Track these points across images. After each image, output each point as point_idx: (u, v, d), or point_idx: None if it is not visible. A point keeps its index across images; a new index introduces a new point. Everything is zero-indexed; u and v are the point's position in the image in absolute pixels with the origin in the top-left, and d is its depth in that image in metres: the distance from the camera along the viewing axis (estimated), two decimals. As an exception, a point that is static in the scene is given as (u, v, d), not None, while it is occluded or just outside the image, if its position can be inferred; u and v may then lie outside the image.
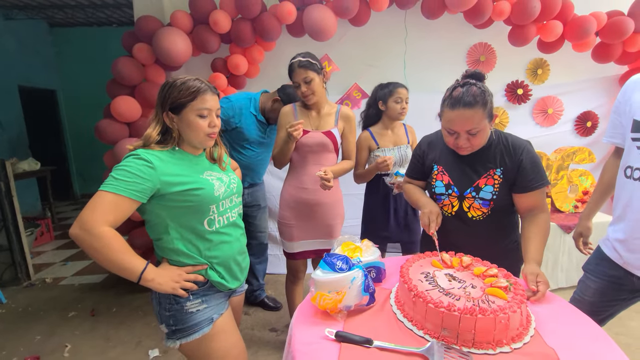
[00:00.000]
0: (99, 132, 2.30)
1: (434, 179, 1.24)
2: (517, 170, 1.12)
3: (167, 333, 1.04)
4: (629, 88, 1.11)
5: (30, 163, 4.03)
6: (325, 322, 0.87)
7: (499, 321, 0.75)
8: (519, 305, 0.79)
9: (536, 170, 1.11)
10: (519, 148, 1.13)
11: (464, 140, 1.08)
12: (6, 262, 2.74)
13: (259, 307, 2.33)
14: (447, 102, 1.08)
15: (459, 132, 1.07)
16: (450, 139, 1.12)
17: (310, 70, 1.52)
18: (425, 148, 1.31)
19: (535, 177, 1.11)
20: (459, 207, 1.19)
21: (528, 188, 1.12)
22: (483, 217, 1.17)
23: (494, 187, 1.14)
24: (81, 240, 0.88)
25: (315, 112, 1.64)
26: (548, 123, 2.82)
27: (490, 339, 0.76)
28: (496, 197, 1.14)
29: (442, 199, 1.22)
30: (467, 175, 1.17)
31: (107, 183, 0.91)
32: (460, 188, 1.18)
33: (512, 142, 1.15)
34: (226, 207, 1.09)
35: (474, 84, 1.05)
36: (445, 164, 1.23)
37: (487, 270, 0.95)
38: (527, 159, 1.12)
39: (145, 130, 1.02)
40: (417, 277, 0.93)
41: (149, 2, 2.46)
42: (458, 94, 1.05)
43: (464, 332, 0.76)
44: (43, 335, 2.13)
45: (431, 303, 0.80)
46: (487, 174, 1.15)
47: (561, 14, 2.39)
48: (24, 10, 4.46)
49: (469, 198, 1.17)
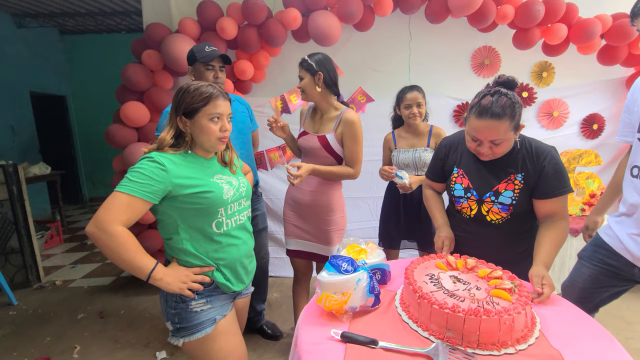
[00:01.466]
0: (109, 136, 2.35)
1: (453, 182, 1.24)
2: (538, 176, 1.10)
3: (172, 330, 1.08)
4: (637, 88, 1.14)
5: (41, 167, 4.11)
6: (331, 323, 0.89)
7: (503, 322, 0.76)
8: (524, 307, 0.80)
9: (559, 177, 1.09)
10: (542, 154, 1.11)
11: (487, 148, 1.07)
12: (17, 265, 2.79)
13: (258, 334, 2.11)
14: (474, 110, 1.05)
15: (482, 140, 1.07)
16: (473, 144, 1.11)
17: (304, 69, 1.56)
18: (446, 150, 1.29)
19: (558, 184, 1.09)
20: (477, 211, 1.19)
21: (549, 194, 1.10)
22: (502, 220, 1.16)
23: (514, 192, 1.12)
24: (96, 238, 0.92)
25: (319, 115, 1.66)
26: (554, 126, 2.80)
27: (495, 340, 0.77)
28: (516, 202, 1.12)
29: (460, 201, 1.22)
30: (486, 179, 1.16)
31: (122, 184, 0.95)
32: (479, 192, 1.17)
33: (535, 147, 1.13)
34: (234, 210, 1.11)
35: (504, 93, 1.02)
36: (465, 167, 1.22)
37: (492, 272, 0.96)
38: (550, 165, 1.09)
39: (153, 135, 1.06)
40: (422, 279, 0.94)
41: (157, 10, 2.52)
42: (487, 102, 1.02)
43: (468, 333, 0.77)
44: (53, 336, 2.17)
45: (436, 304, 0.81)
46: (507, 179, 1.13)
47: (566, 17, 2.39)
48: (35, 18, 4.59)
49: (487, 202, 1.16)
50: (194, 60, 1.62)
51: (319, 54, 1.58)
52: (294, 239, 1.73)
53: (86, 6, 4.32)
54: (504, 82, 1.08)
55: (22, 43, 4.63)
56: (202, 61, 1.59)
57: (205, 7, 2.33)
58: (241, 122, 1.79)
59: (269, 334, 2.08)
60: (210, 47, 1.63)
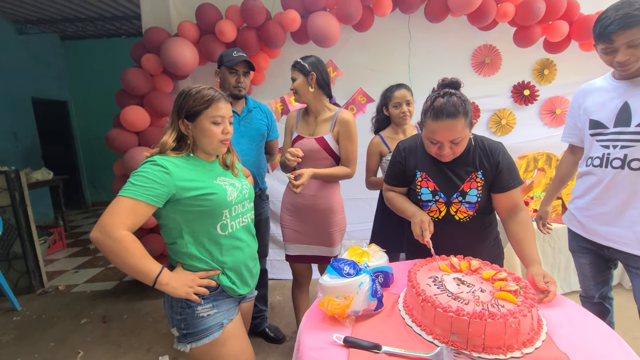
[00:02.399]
0: (109, 141, 2.35)
1: (418, 186, 1.23)
2: (495, 171, 1.16)
3: (178, 336, 1.06)
4: (579, 96, 1.37)
5: (43, 173, 4.12)
6: (333, 327, 0.88)
7: (509, 325, 0.74)
8: (530, 309, 0.79)
9: (512, 170, 1.16)
10: (496, 150, 1.17)
11: (447, 149, 1.10)
12: (21, 270, 2.80)
13: (261, 337, 2.09)
14: (429, 113, 1.08)
15: (442, 142, 1.09)
16: (433, 148, 1.13)
17: (297, 70, 1.58)
18: (405, 154, 1.28)
19: (513, 177, 1.16)
20: (446, 212, 1.20)
21: (507, 188, 1.16)
22: (469, 218, 1.20)
23: (477, 189, 1.17)
24: (101, 243, 0.91)
25: (313, 118, 1.65)
26: (556, 123, 2.78)
27: (500, 343, 0.75)
28: (480, 199, 1.17)
29: (429, 205, 1.22)
30: (451, 181, 1.19)
31: (125, 188, 0.94)
32: (446, 194, 1.19)
33: (488, 144, 1.19)
34: (238, 212, 1.11)
35: (454, 93, 1.07)
36: (427, 170, 1.22)
37: (497, 273, 0.95)
38: (504, 160, 1.16)
39: (154, 139, 1.05)
40: (425, 282, 0.93)
41: (156, 14, 2.52)
42: (440, 104, 1.05)
43: (473, 336, 0.75)
44: (56, 342, 2.17)
45: (440, 307, 0.79)
46: (470, 178, 1.17)
47: (567, 14, 2.37)
48: (36, 24, 4.62)
49: (455, 203, 1.18)
50: (222, 63, 1.68)
51: (312, 57, 1.61)
52: (294, 244, 1.71)
53: (86, 11, 4.34)
54: (449, 83, 1.12)
55: (23, 49, 4.66)
56: (227, 65, 1.65)
57: (204, 10, 2.33)
58: (255, 129, 1.80)
59: (272, 337, 2.07)
60: (238, 53, 1.68)
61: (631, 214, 1.20)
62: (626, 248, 1.23)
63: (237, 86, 1.68)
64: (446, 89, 1.10)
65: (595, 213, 1.30)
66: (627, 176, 1.20)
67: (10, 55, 4.43)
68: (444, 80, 1.14)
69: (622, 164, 1.20)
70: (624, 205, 1.22)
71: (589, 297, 1.48)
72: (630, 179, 1.19)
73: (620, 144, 1.21)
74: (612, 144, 1.23)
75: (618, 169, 1.21)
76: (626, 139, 1.19)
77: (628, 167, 1.19)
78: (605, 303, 1.47)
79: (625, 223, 1.22)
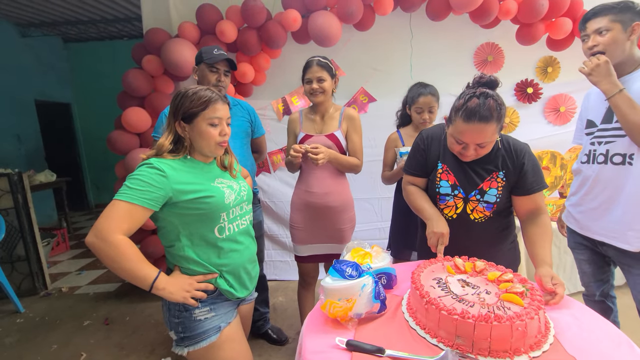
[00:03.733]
0: (111, 143, 2.35)
1: (438, 178, 1.19)
2: (519, 173, 1.11)
3: (176, 340, 1.06)
4: (585, 99, 1.40)
5: (46, 175, 4.14)
6: (335, 330, 0.86)
7: (515, 328, 0.73)
8: (537, 312, 0.77)
9: (537, 173, 1.12)
10: (521, 152, 1.13)
11: (472, 150, 1.05)
12: (24, 273, 2.81)
13: (263, 339, 2.07)
14: (461, 113, 1.01)
15: (468, 143, 1.04)
16: (457, 147, 1.08)
17: (325, 70, 1.59)
18: (428, 141, 1.23)
19: (537, 180, 1.12)
20: (462, 209, 1.16)
21: (531, 190, 1.11)
22: (484, 219, 1.15)
23: (497, 189, 1.13)
24: (97, 248, 0.90)
25: (319, 117, 1.68)
26: (561, 121, 2.75)
27: (507, 347, 0.73)
28: (499, 200, 1.13)
29: (446, 199, 1.18)
30: (471, 177, 1.15)
31: (121, 192, 0.92)
32: (465, 190, 1.15)
33: (514, 145, 1.14)
34: (236, 215, 1.10)
35: (491, 95, 1.00)
36: (449, 163, 1.19)
37: (502, 275, 0.93)
38: (529, 162, 1.11)
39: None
40: (429, 283, 0.91)
41: (157, 15, 2.51)
42: (474, 105, 0.98)
43: (479, 340, 0.74)
44: (59, 344, 2.17)
45: (444, 310, 0.78)
46: (490, 177, 1.13)
47: (570, 11, 2.34)
48: (39, 27, 4.64)
49: (473, 201, 1.15)
50: (201, 60, 1.61)
51: (325, 57, 1.64)
52: (306, 245, 1.70)
53: (88, 14, 4.36)
54: (486, 82, 1.04)
55: (26, 52, 4.69)
56: (207, 62, 1.59)
57: (204, 11, 2.32)
58: (237, 127, 1.76)
59: (275, 339, 2.05)
60: (219, 51, 1.62)
61: (617, 208, 1.23)
62: (616, 242, 1.24)
63: (217, 85, 1.61)
64: (483, 88, 1.02)
65: (586, 209, 1.33)
66: (610, 171, 1.23)
67: (13, 58, 4.46)
68: (481, 77, 1.05)
69: (605, 159, 1.24)
70: (610, 200, 1.24)
71: (590, 294, 1.47)
72: (613, 174, 1.22)
73: (604, 140, 1.25)
74: (597, 140, 1.28)
75: (602, 164, 1.25)
76: (608, 135, 1.23)
77: (610, 162, 1.22)
78: (608, 301, 1.46)
79: (613, 218, 1.24)
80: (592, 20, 1.21)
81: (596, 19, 1.20)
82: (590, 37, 1.21)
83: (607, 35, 1.17)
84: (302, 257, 1.73)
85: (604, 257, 1.38)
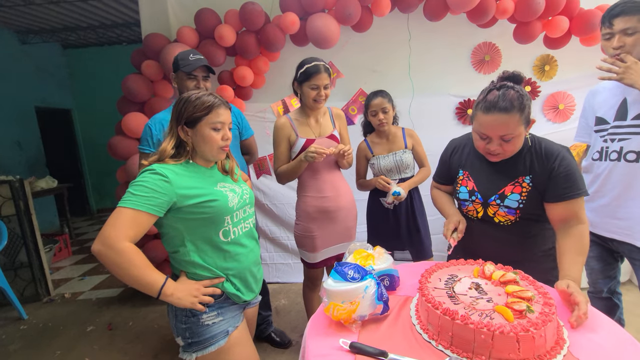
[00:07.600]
0: (111, 148, 2.36)
1: (458, 185, 1.22)
2: (548, 178, 1.04)
3: (183, 346, 1.05)
4: (590, 97, 1.41)
5: (48, 181, 4.15)
6: (339, 332, 0.86)
7: (526, 338, 0.70)
8: (545, 324, 0.72)
9: (571, 178, 1.02)
10: (552, 155, 1.05)
11: (496, 145, 1.02)
12: (27, 279, 2.81)
13: (266, 342, 2.07)
14: (480, 105, 1.01)
15: (491, 137, 1.02)
16: (482, 143, 1.06)
17: (328, 76, 1.60)
18: (451, 151, 1.29)
19: (570, 186, 1.02)
20: (483, 213, 1.16)
21: (560, 197, 1.03)
22: (510, 223, 1.11)
23: (521, 195, 1.07)
24: (104, 256, 0.89)
25: (313, 120, 1.68)
26: (560, 119, 2.75)
27: (508, 357, 0.71)
28: (523, 206, 1.07)
29: (465, 204, 1.20)
30: (493, 182, 1.12)
31: (125, 199, 0.93)
32: (484, 195, 1.14)
33: (545, 148, 1.07)
34: (240, 218, 1.10)
35: (511, 87, 0.99)
36: (471, 169, 1.19)
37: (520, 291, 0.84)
38: (560, 166, 1.03)
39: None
40: (436, 285, 0.91)
41: (155, 20, 2.52)
42: (493, 97, 0.98)
43: (479, 348, 0.72)
44: (63, 350, 2.17)
45: (447, 314, 0.77)
46: (514, 182, 1.09)
47: (567, 9, 2.34)
48: (39, 34, 4.66)
49: (493, 205, 1.12)
50: (177, 68, 1.55)
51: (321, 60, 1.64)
52: (321, 251, 1.69)
53: (87, 20, 4.38)
54: (509, 76, 1.05)
55: (26, 59, 4.71)
56: (184, 70, 1.52)
57: (203, 15, 2.33)
58: None
59: (278, 341, 2.05)
60: (195, 56, 1.55)
61: (628, 205, 1.23)
62: (628, 239, 1.24)
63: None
64: (505, 82, 1.03)
65: (597, 205, 1.32)
66: (622, 168, 1.22)
67: (13, 65, 4.47)
68: (505, 72, 1.05)
69: (619, 157, 1.24)
70: (621, 197, 1.24)
71: (597, 291, 1.46)
72: (626, 171, 1.22)
73: (618, 137, 1.24)
74: (610, 137, 1.27)
75: (615, 162, 1.25)
76: (622, 132, 1.23)
77: (624, 159, 1.22)
78: (614, 298, 1.46)
79: (624, 215, 1.24)
80: (619, 17, 1.15)
81: (624, 18, 1.14)
82: (616, 36, 1.16)
83: (635, 36, 1.14)
84: (314, 263, 1.71)
85: (613, 253, 1.38)
